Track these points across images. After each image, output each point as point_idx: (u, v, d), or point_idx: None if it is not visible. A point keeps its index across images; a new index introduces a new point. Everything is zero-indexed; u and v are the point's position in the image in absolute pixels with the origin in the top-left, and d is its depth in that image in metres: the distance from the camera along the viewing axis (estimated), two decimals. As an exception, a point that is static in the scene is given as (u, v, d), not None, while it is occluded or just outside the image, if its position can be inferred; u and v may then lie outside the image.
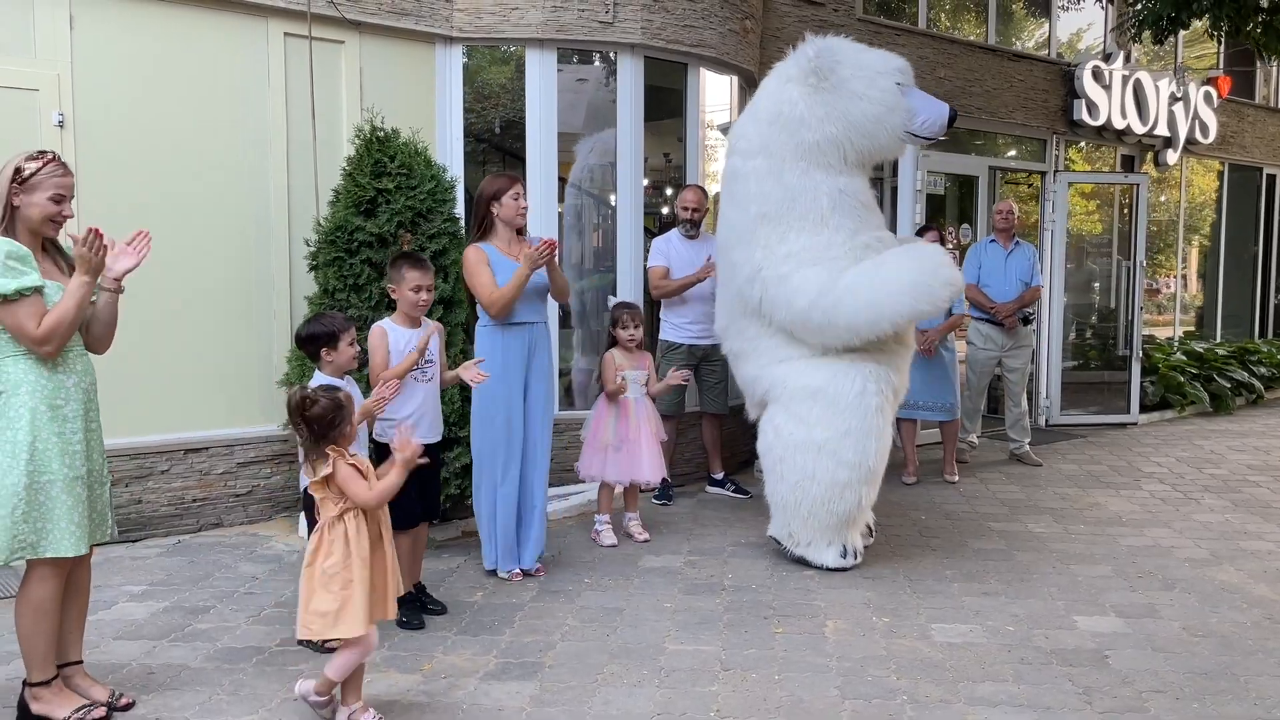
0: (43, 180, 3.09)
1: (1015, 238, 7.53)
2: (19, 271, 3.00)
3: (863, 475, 4.73)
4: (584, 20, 6.06)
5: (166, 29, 5.16)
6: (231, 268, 5.40)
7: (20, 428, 3.04)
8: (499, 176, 4.60)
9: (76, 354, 3.20)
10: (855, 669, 3.66)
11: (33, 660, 3.16)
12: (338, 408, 3.08)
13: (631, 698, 3.41)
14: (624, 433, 5.19)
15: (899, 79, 4.77)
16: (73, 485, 3.10)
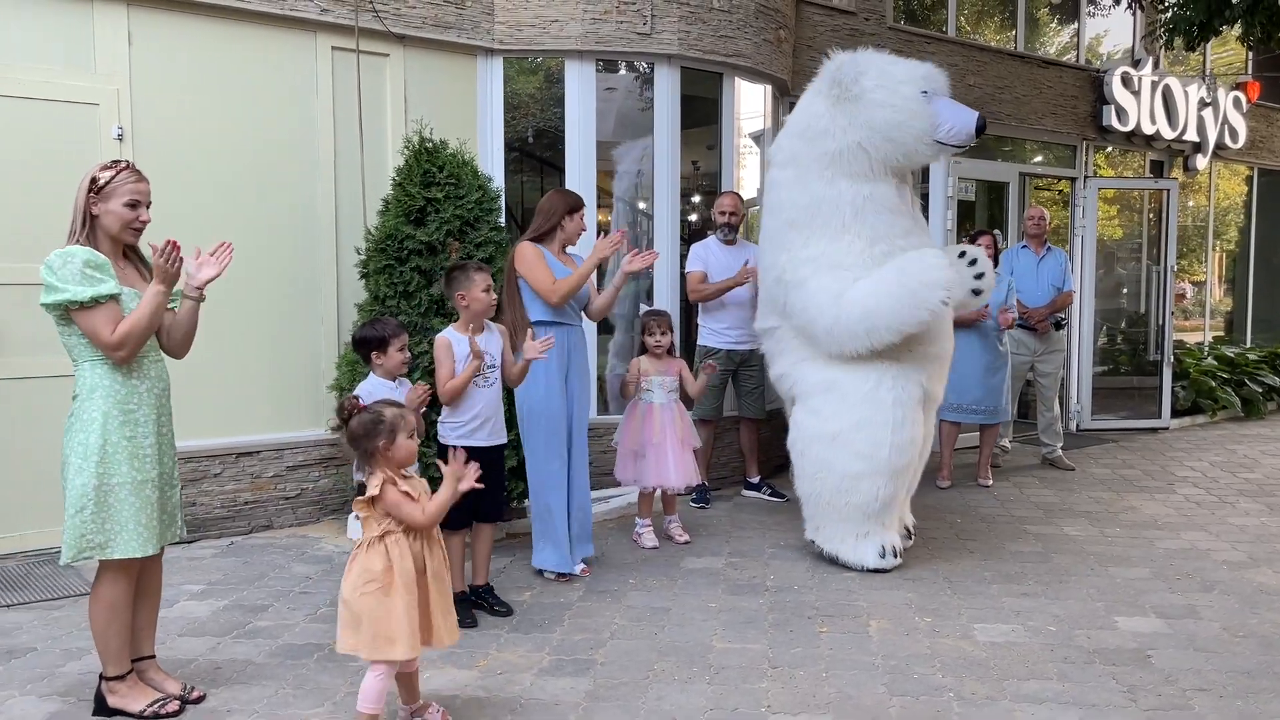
0: (117, 187, 3.21)
1: (1047, 243, 7.59)
2: (96, 279, 3.12)
3: (876, 467, 4.82)
4: (622, 32, 6.17)
5: (219, 44, 5.32)
6: (281, 275, 5.54)
7: (93, 431, 3.16)
8: (571, 194, 4.79)
9: (151, 360, 3.32)
10: (901, 667, 3.73)
11: (107, 656, 3.27)
12: (376, 423, 3.02)
13: (684, 693, 3.50)
14: (647, 437, 5.22)
15: (925, 86, 4.86)
16: (141, 488, 3.21)
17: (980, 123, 4.83)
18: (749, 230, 7.45)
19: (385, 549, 3.01)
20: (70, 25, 4.92)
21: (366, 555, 3.02)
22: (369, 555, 3.01)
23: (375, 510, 3.04)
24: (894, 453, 4.83)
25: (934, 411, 5.20)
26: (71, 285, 3.09)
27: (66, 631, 4.00)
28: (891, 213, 4.95)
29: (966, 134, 4.82)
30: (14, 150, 4.79)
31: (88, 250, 3.16)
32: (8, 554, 4.85)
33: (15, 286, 4.77)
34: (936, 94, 4.89)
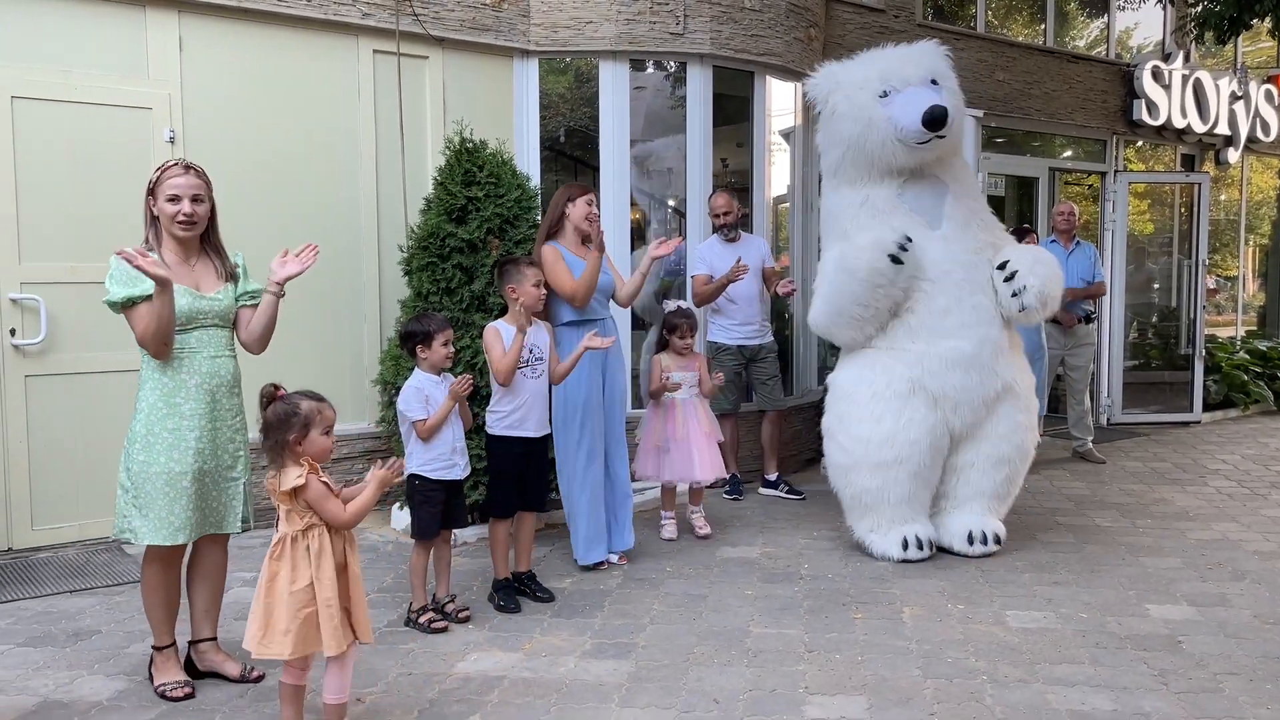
0: (161, 186, 3.38)
1: (1075, 238, 7.64)
2: (135, 280, 3.26)
3: (858, 460, 4.95)
4: (656, 32, 6.28)
5: (266, 49, 5.48)
6: (326, 273, 5.68)
7: (139, 419, 3.34)
8: (574, 185, 4.91)
9: (207, 355, 3.42)
10: (934, 651, 3.82)
11: (151, 626, 3.50)
12: (290, 414, 2.92)
13: (723, 675, 3.60)
14: (671, 432, 5.26)
15: (882, 87, 4.95)
16: (177, 480, 3.32)
17: (928, 115, 4.76)
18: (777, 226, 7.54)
19: (307, 545, 2.92)
20: (124, 32, 5.09)
21: (291, 553, 2.91)
22: (293, 553, 2.91)
23: (296, 502, 2.91)
24: (872, 447, 4.91)
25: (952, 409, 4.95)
26: (114, 286, 3.29)
27: (129, 615, 4.16)
28: (885, 213, 5.04)
29: (914, 132, 4.84)
30: (70, 153, 4.96)
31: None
32: (68, 542, 5.03)
33: (72, 285, 4.94)
34: (899, 89, 4.93)
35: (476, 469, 4.90)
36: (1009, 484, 5.14)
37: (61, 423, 4.97)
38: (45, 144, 4.90)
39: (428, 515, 4.08)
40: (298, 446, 2.93)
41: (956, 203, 5.10)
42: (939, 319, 4.94)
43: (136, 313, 3.28)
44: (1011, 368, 5.07)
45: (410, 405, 4.06)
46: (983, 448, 5.05)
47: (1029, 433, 5.14)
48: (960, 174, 5.26)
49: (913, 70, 5.01)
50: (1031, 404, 5.19)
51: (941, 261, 4.96)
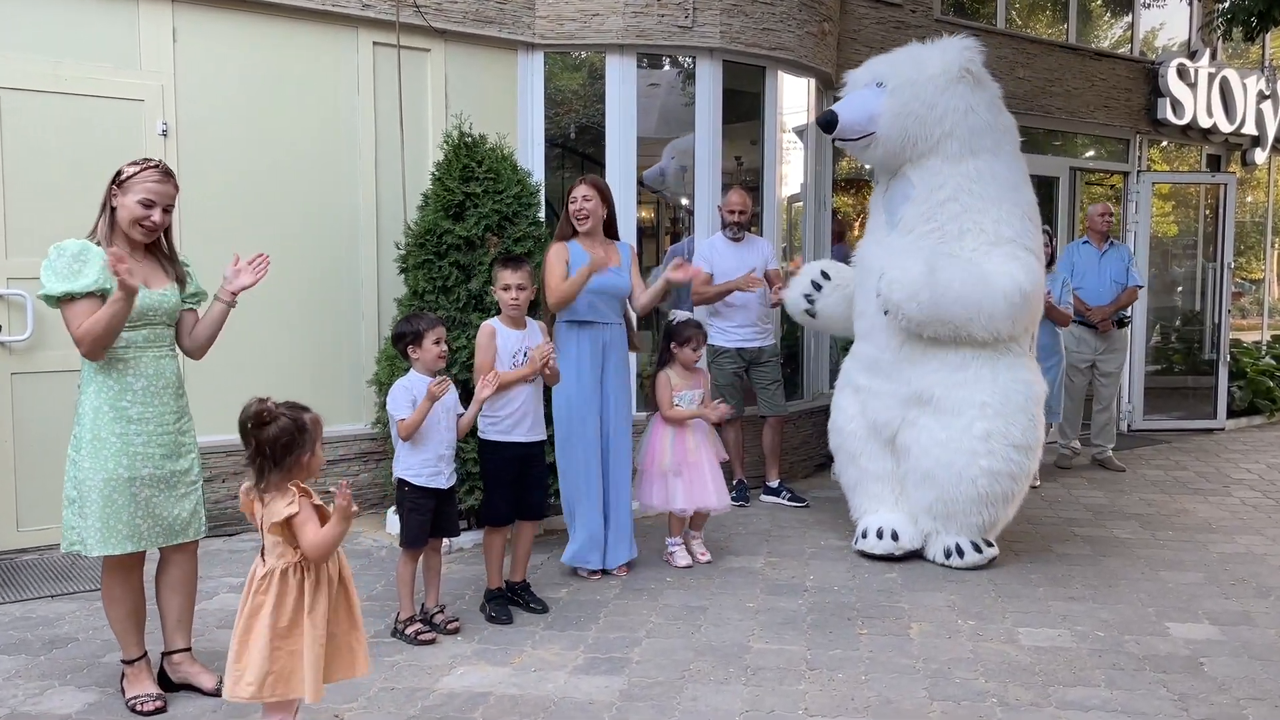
0: (136, 183, 3.21)
1: (1110, 238, 7.40)
2: (78, 273, 3.10)
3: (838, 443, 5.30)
4: (664, 25, 6.12)
5: (262, 41, 5.35)
6: (323, 270, 5.57)
7: (84, 424, 3.18)
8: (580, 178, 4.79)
9: (153, 357, 3.27)
10: (942, 671, 3.65)
11: (117, 640, 3.36)
12: (298, 430, 2.64)
13: (719, 694, 3.44)
14: (682, 456, 4.84)
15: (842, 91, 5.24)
16: (125, 486, 3.17)
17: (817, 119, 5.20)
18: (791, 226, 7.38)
19: (300, 579, 2.65)
20: (116, 22, 4.97)
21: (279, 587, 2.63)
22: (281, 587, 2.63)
23: (287, 532, 2.63)
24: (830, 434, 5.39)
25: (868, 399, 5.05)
26: (52, 279, 3.10)
27: (107, 623, 4.03)
28: (874, 209, 5.32)
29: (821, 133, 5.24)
30: (60, 146, 4.85)
31: (82, 243, 3.17)
32: (52, 544, 4.92)
33: (61, 280, 4.83)
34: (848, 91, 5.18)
35: (471, 473, 4.76)
36: (944, 505, 4.79)
37: (48, 422, 4.84)
38: (34, 136, 4.79)
39: (416, 524, 3.93)
40: (309, 464, 2.68)
41: (914, 207, 4.96)
42: (861, 321, 5.22)
43: (75, 308, 3.10)
44: (933, 378, 4.79)
45: (397, 405, 3.92)
46: (907, 460, 4.95)
47: (960, 455, 4.71)
48: (933, 177, 4.91)
49: (861, 73, 5.19)
50: (972, 426, 4.71)
51: (872, 267, 5.03)
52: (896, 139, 4.93)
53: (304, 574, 2.65)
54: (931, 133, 4.89)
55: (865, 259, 5.19)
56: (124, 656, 3.35)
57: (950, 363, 4.79)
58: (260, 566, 2.69)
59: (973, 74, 4.93)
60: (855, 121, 4.96)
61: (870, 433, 5.09)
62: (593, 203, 4.65)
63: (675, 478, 4.85)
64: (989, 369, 4.77)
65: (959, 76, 4.89)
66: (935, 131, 4.88)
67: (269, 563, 2.67)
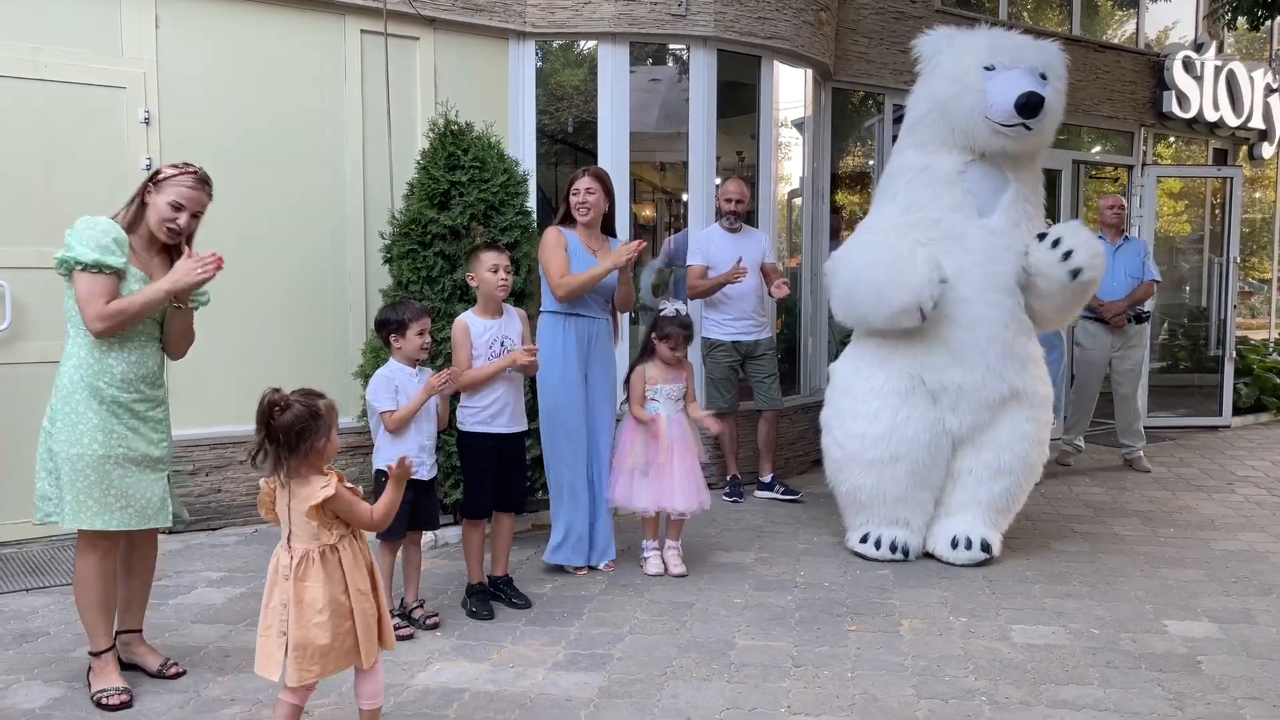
0: (170, 185, 3.28)
1: (1125, 233, 7.26)
2: (109, 250, 3.14)
3: (851, 456, 4.81)
4: (656, 14, 6.03)
5: (246, 27, 5.27)
6: (308, 260, 5.48)
7: (60, 396, 3.20)
8: (582, 169, 4.67)
9: (137, 345, 3.27)
10: (931, 668, 3.55)
11: (86, 629, 3.31)
12: (312, 416, 2.70)
13: (700, 692, 3.35)
14: (652, 455, 4.56)
15: (988, 60, 4.72)
16: (101, 463, 3.16)
17: (1021, 99, 4.54)
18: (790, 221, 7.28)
19: (339, 558, 2.72)
20: (97, 8, 4.90)
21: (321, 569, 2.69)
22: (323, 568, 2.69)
23: (324, 514, 2.71)
24: (866, 444, 4.76)
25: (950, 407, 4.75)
26: (81, 245, 3.13)
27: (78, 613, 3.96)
28: (941, 185, 4.81)
29: (1004, 111, 4.60)
30: (41, 133, 4.77)
31: (115, 225, 3.21)
32: (33, 538, 4.84)
33: (40, 271, 4.73)
34: (1006, 68, 4.69)
35: (456, 466, 4.68)
36: (1009, 497, 4.82)
37: (26, 414, 4.74)
38: (13, 123, 4.71)
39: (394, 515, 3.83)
40: (325, 449, 2.72)
41: (1015, 201, 4.82)
42: (953, 307, 4.69)
43: (97, 281, 3.12)
44: (1023, 375, 4.79)
45: (378, 396, 3.84)
46: (983, 455, 4.78)
47: (1036, 446, 4.83)
48: (1028, 179, 4.91)
49: (1026, 54, 4.80)
50: (1045, 419, 4.88)
51: (976, 251, 4.74)
52: (1045, 139, 4.83)
53: (340, 553, 2.72)
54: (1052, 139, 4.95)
55: (963, 239, 4.72)
56: (92, 648, 3.29)
57: (1032, 356, 4.88)
58: (286, 554, 2.71)
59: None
60: (1046, 113, 4.66)
61: (937, 440, 4.74)
62: (595, 195, 4.57)
63: (643, 477, 4.57)
64: (1041, 363, 4.96)
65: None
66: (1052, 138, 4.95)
67: (302, 547, 2.70)
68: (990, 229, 4.77)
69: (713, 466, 6.01)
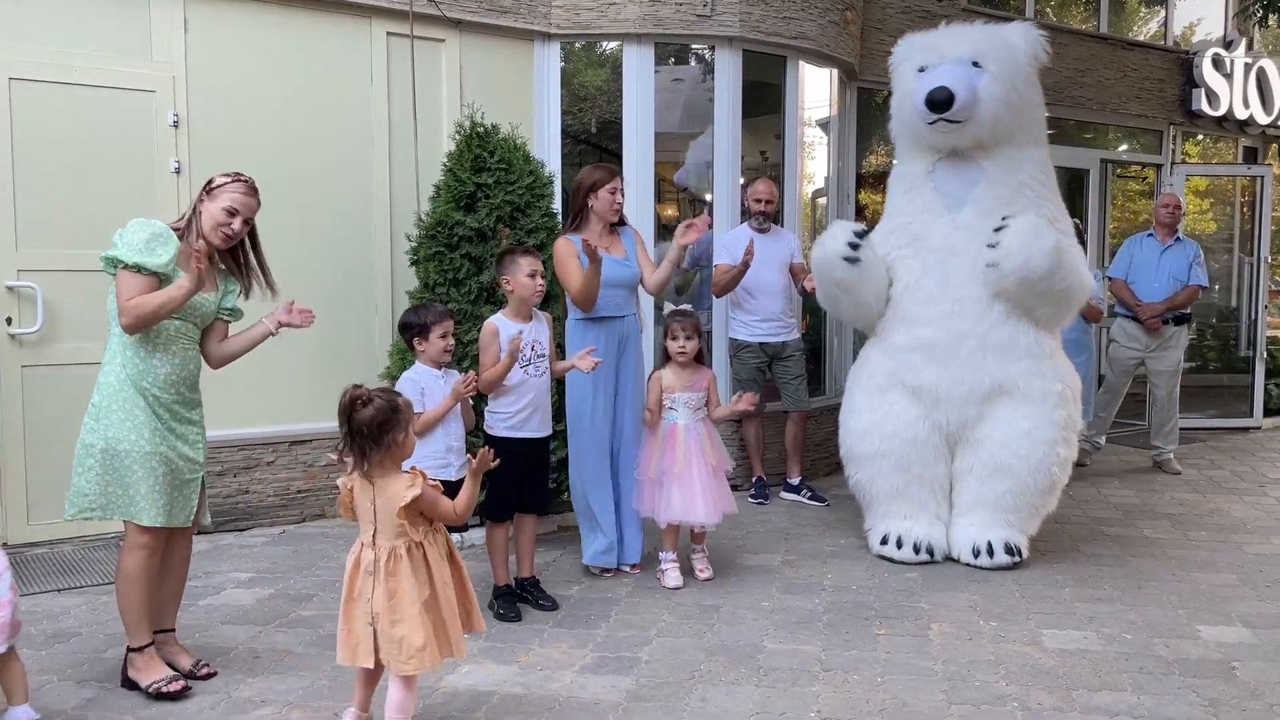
0: (223, 192, 3.37)
1: (1177, 234, 7.14)
2: (154, 252, 3.21)
3: (848, 452, 4.99)
4: (681, 14, 6.01)
5: (274, 31, 5.29)
6: (335, 262, 5.50)
7: (107, 394, 3.23)
8: (599, 167, 4.59)
9: (179, 348, 3.33)
10: (962, 673, 3.52)
11: (128, 626, 3.32)
12: (392, 411, 2.79)
13: (729, 696, 3.34)
14: (668, 464, 4.40)
15: (921, 61, 4.86)
16: (148, 459, 3.21)
17: (928, 96, 4.63)
18: (814, 221, 7.25)
19: (424, 553, 2.84)
20: (127, 12, 4.93)
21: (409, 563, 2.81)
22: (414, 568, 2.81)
23: (412, 513, 2.80)
24: (854, 439, 4.92)
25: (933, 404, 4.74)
26: (126, 247, 3.19)
27: (112, 616, 3.96)
28: (914, 188, 4.96)
29: (922, 110, 4.72)
30: (71, 137, 4.81)
31: (166, 228, 3.28)
32: (64, 538, 4.89)
33: (71, 274, 4.79)
34: (935, 65, 4.79)
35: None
36: (1014, 497, 4.69)
37: (58, 414, 4.81)
38: (44, 127, 4.75)
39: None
40: (404, 445, 2.83)
41: (988, 189, 4.79)
42: (921, 306, 4.77)
43: (134, 280, 3.18)
44: (1010, 368, 4.66)
45: (403, 399, 3.84)
46: (978, 454, 4.75)
47: (1041, 445, 4.64)
48: (1009, 161, 4.82)
49: (951, 47, 4.80)
50: (1052, 416, 4.66)
51: (941, 247, 4.79)
52: (989, 125, 4.73)
53: (425, 548, 2.84)
54: (1016, 122, 4.81)
55: (928, 237, 4.81)
56: (133, 643, 3.32)
57: (1033, 351, 4.70)
58: (370, 551, 2.82)
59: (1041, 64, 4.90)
60: (967, 104, 4.64)
61: (930, 434, 4.77)
62: (624, 196, 4.59)
63: (659, 487, 4.44)
64: (1057, 357, 4.81)
65: (1035, 66, 4.85)
66: (1019, 121, 4.82)
67: (388, 544, 2.80)
68: (955, 224, 4.78)
69: (739, 468, 5.99)
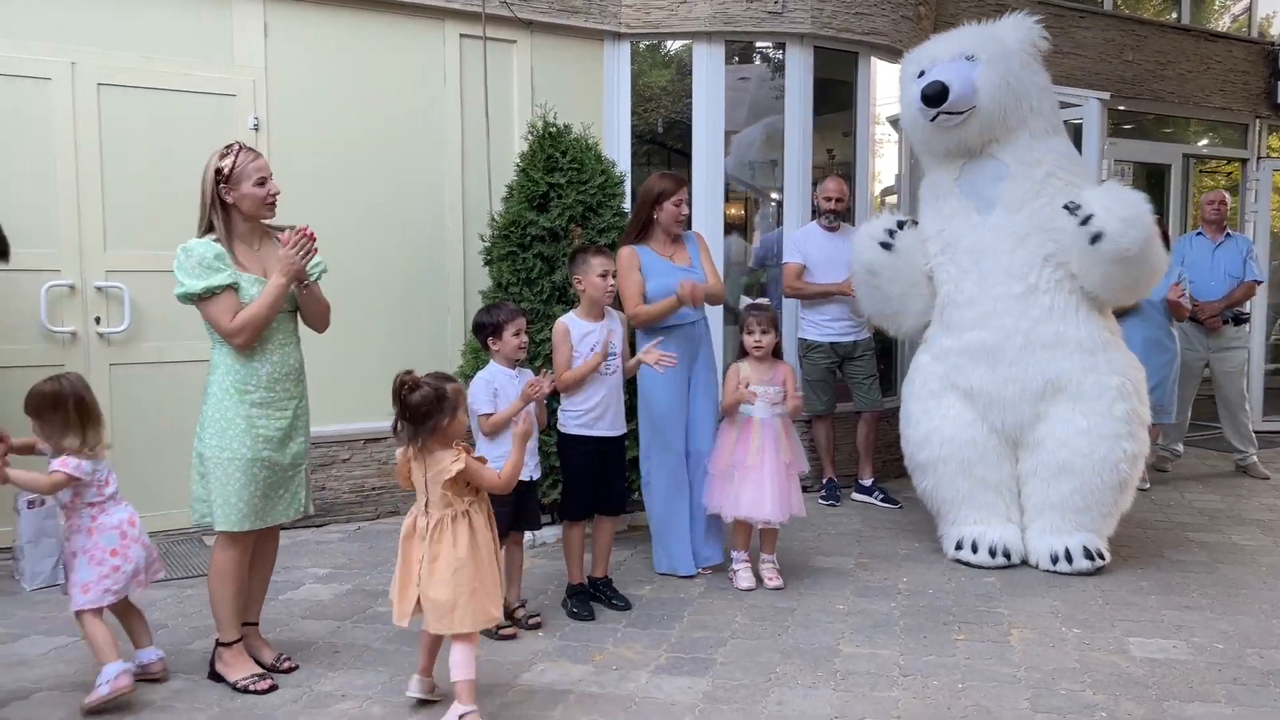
0: (243, 170, 3.32)
1: (1226, 230, 6.96)
2: (210, 271, 3.23)
3: (911, 459, 4.97)
4: (752, 12, 5.97)
5: (351, 34, 5.38)
6: (408, 263, 5.57)
7: (212, 404, 3.29)
8: (666, 176, 4.57)
9: (278, 344, 3.38)
10: (1046, 681, 3.44)
11: (217, 621, 3.39)
12: (439, 399, 2.99)
13: (807, 699, 3.30)
14: (740, 458, 4.37)
15: (917, 68, 4.91)
16: (249, 466, 3.27)
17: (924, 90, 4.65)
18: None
19: (469, 522, 3.06)
20: (210, 18, 5.05)
21: (453, 535, 3.03)
22: (455, 535, 3.03)
23: (458, 485, 3.05)
24: (914, 448, 4.93)
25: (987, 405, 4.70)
26: (187, 279, 3.24)
27: (197, 609, 4.08)
28: (941, 196, 4.97)
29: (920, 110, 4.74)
30: (154, 140, 4.94)
31: (204, 243, 3.29)
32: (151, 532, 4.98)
33: (155, 274, 4.89)
34: (930, 68, 4.81)
35: (555, 467, 4.69)
36: (1083, 497, 4.57)
37: (144, 411, 4.95)
38: (130, 131, 4.89)
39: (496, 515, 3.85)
40: (449, 429, 3.03)
41: (1013, 185, 4.73)
42: (964, 309, 4.79)
43: (217, 303, 3.24)
44: (1062, 363, 4.58)
45: (477, 399, 3.87)
46: (1039, 454, 4.66)
47: (1103, 441, 4.53)
48: (1029, 154, 4.75)
49: (945, 48, 4.88)
50: (1113, 411, 4.55)
51: (973, 249, 4.78)
52: (993, 113, 4.71)
53: (471, 517, 3.07)
54: (1021, 107, 4.75)
55: (960, 241, 4.81)
56: (224, 638, 3.38)
57: (1083, 345, 4.61)
58: (424, 519, 3.07)
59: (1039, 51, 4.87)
60: (964, 93, 4.64)
61: (987, 436, 4.73)
62: (689, 206, 4.60)
63: (729, 481, 4.40)
64: (1113, 350, 4.68)
65: (1033, 53, 4.84)
66: (1024, 106, 4.75)
67: (437, 513, 3.05)
68: (986, 224, 4.76)
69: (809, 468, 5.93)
